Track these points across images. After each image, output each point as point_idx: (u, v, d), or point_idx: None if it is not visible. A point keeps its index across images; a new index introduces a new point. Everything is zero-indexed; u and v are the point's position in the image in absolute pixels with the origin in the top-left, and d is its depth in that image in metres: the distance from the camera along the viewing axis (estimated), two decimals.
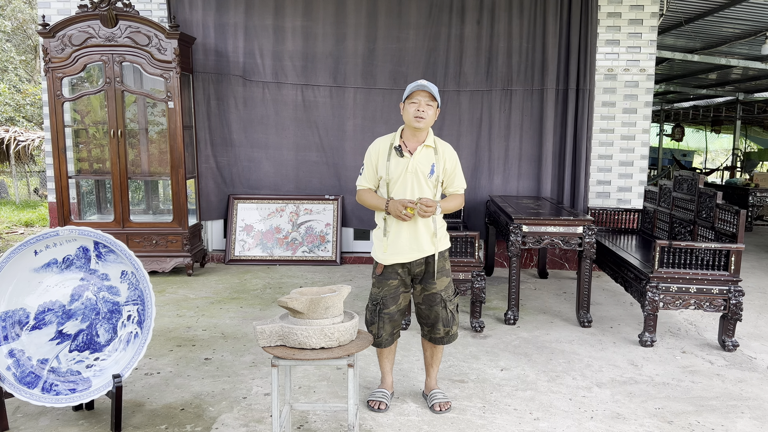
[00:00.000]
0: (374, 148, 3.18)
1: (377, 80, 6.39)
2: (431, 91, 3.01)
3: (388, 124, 6.46)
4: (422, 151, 3.07)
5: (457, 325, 3.24)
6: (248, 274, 6.16)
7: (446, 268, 3.19)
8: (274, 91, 6.46)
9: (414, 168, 3.05)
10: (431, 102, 3.03)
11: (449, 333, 3.21)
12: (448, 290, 3.18)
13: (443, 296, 3.15)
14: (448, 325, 3.19)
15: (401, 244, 3.07)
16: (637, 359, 3.99)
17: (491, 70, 6.32)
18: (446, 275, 3.18)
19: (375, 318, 3.18)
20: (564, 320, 4.81)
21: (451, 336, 3.22)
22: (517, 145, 6.42)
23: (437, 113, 3.09)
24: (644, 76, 6.31)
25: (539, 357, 4.00)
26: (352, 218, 6.72)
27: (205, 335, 4.33)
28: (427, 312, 3.19)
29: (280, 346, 2.58)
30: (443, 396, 3.26)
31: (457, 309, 3.25)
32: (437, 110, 3.08)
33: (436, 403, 3.21)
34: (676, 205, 5.20)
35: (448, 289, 3.18)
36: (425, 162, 3.07)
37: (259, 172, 6.63)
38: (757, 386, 3.59)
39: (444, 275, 3.17)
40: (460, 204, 3.23)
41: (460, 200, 3.22)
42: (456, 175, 3.17)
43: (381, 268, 3.15)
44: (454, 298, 3.22)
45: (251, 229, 6.65)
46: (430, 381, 3.36)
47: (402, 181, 3.06)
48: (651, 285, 4.14)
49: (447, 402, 3.23)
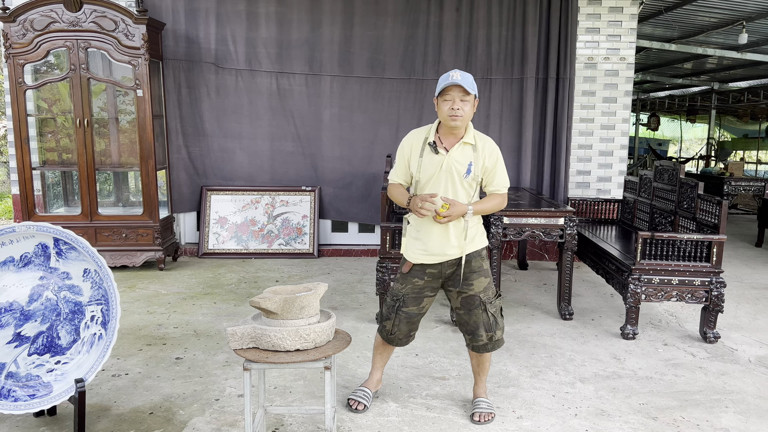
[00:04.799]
0: (407, 141, 2.95)
1: (354, 68, 6.23)
2: (464, 86, 2.71)
3: (366, 113, 6.32)
4: (460, 148, 2.83)
5: (501, 330, 2.97)
6: (222, 268, 5.99)
7: (484, 268, 2.94)
8: (247, 79, 6.26)
9: (449, 167, 2.81)
10: (466, 96, 2.74)
11: (492, 339, 2.95)
12: (487, 291, 2.92)
13: (482, 298, 2.90)
14: (491, 329, 2.93)
15: (432, 244, 2.88)
16: (619, 352, 3.94)
17: (470, 59, 6.20)
18: (484, 275, 2.93)
19: (392, 314, 3.01)
20: (545, 313, 4.74)
21: (495, 342, 2.96)
22: (496, 135, 6.31)
23: (476, 105, 2.83)
24: (624, 65, 6.25)
25: (521, 351, 3.92)
26: (330, 210, 6.57)
27: (177, 333, 4.17)
28: (467, 317, 2.95)
29: (253, 349, 2.44)
30: (487, 405, 3.03)
31: (501, 312, 2.99)
32: (476, 101, 2.81)
33: (477, 412, 2.99)
34: (656, 195, 5.16)
35: (488, 290, 2.93)
36: (462, 160, 2.82)
37: (233, 162, 6.44)
38: (739, 379, 3.55)
39: (482, 275, 2.92)
40: (500, 204, 2.93)
41: (500, 200, 2.92)
42: (497, 172, 2.87)
43: (409, 267, 2.96)
44: (495, 300, 2.95)
45: (225, 222, 6.46)
46: (477, 388, 3.15)
47: (435, 180, 2.83)
48: (633, 277, 4.09)
49: (490, 413, 3.00)
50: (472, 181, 2.85)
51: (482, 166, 2.84)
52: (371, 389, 3.18)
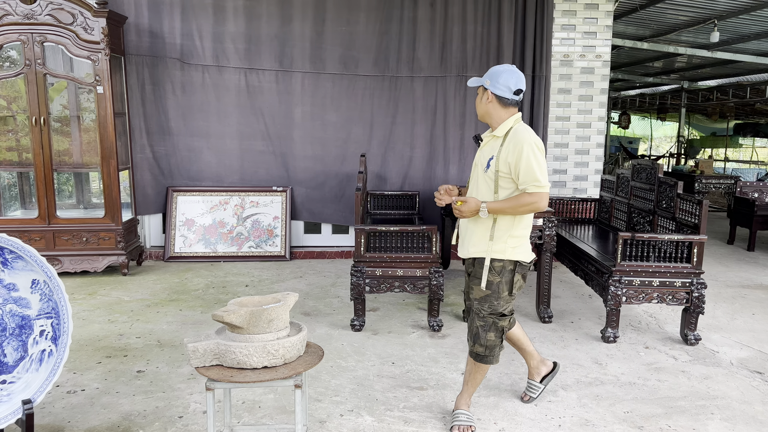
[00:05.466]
0: None
1: (326, 65, 6.04)
2: (471, 85, 2.82)
3: (339, 111, 6.13)
4: (489, 141, 2.80)
5: (483, 347, 2.80)
6: (189, 272, 5.75)
7: (493, 282, 2.75)
8: (215, 76, 6.02)
9: (477, 160, 2.84)
10: (478, 92, 2.79)
11: (471, 350, 2.85)
12: (482, 303, 2.78)
13: (475, 306, 2.81)
14: (471, 338, 2.84)
15: (461, 238, 2.91)
16: (601, 357, 3.84)
17: (446, 56, 6.06)
18: (488, 287, 2.76)
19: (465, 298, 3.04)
20: (524, 315, 4.63)
21: (474, 354, 2.83)
22: (472, 133, 6.19)
23: (486, 95, 2.71)
24: (600, 63, 6.18)
25: (501, 358, 3.77)
26: (302, 210, 6.37)
27: (139, 343, 3.94)
28: None
29: (217, 366, 2.25)
30: (466, 418, 2.88)
31: (495, 332, 2.80)
32: (485, 92, 2.72)
33: (455, 425, 2.85)
34: (634, 194, 5.09)
35: (484, 302, 2.77)
36: (487, 154, 2.77)
37: (200, 162, 6.20)
38: (723, 383, 3.47)
39: (486, 287, 2.76)
40: (525, 205, 2.62)
41: (526, 200, 2.61)
42: (521, 168, 2.62)
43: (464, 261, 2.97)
44: (487, 316, 2.78)
45: (192, 224, 6.22)
46: (459, 399, 2.97)
47: (473, 173, 2.87)
48: (614, 279, 3.99)
49: (469, 426, 2.85)
50: (492, 176, 2.72)
51: (505, 161, 2.67)
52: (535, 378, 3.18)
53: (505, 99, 2.70)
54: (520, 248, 2.75)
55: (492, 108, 2.72)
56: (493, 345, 2.81)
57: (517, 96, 2.72)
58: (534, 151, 2.62)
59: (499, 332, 2.81)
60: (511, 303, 2.82)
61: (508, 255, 2.73)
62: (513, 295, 2.80)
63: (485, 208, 2.67)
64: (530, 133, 2.67)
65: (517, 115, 2.75)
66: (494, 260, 2.73)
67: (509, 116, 2.73)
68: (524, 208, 2.64)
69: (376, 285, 4.17)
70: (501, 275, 2.74)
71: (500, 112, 2.72)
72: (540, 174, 2.61)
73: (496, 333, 2.80)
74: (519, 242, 2.75)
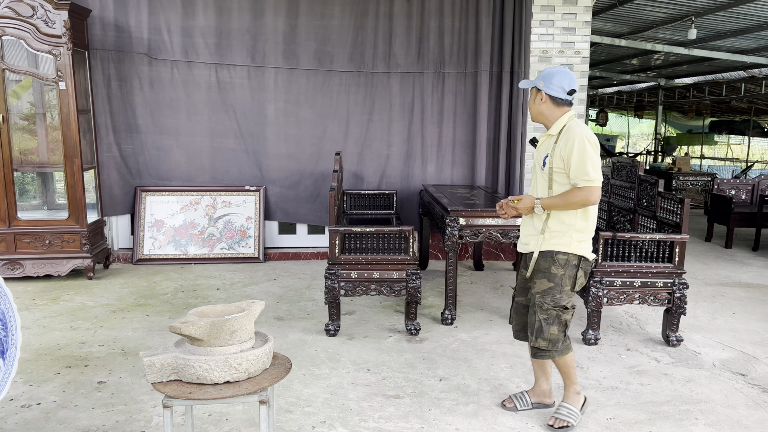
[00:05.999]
0: None
1: (300, 60, 5.87)
2: (523, 87, 2.97)
3: (313, 108, 5.97)
4: (544, 141, 2.88)
5: (546, 341, 2.81)
6: (159, 275, 5.54)
7: (551, 272, 2.79)
8: (184, 71, 5.81)
9: (535, 160, 2.94)
10: (531, 93, 2.87)
11: (532, 344, 2.87)
12: (545, 296, 2.80)
13: (537, 300, 2.82)
14: (533, 334, 2.84)
15: (521, 234, 2.98)
16: (582, 360, 3.74)
17: (423, 51, 5.93)
18: (549, 279, 2.79)
19: (512, 304, 3.11)
20: (503, 317, 4.51)
21: (536, 350, 2.86)
22: (450, 131, 6.08)
23: (539, 95, 2.80)
24: (579, 59, 6.10)
25: (480, 362, 3.67)
26: (276, 210, 6.19)
27: (102, 352, 3.74)
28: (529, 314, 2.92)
29: (175, 381, 2.09)
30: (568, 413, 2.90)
31: (559, 326, 2.81)
32: (538, 93, 2.81)
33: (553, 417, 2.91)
34: (614, 192, 5.01)
35: (546, 295, 2.80)
36: (542, 152, 2.86)
37: (170, 161, 5.98)
38: (706, 386, 3.39)
39: (546, 278, 2.80)
40: (577, 199, 2.68)
41: (577, 195, 2.67)
42: (572, 162, 2.68)
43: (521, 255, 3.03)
44: (551, 309, 2.79)
45: (162, 225, 6.00)
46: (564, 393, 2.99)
47: (533, 173, 2.97)
48: (595, 280, 3.89)
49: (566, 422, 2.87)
50: (547, 173, 2.80)
51: (559, 156, 2.73)
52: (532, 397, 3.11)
53: (559, 99, 2.77)
54: (584, 243, 2.81)
55: (546, 108, 2.80)
56: (556, 339, 2.81)
57: (570, 96, 2.78)
58: (585, 145, 2.67)
59: (562, 326, 2.83)
60: (572, 298, 2.85)
61: (573, 249, 2.78)
62: (574, 291, 2.85)
63: (539, 204, 2.77)
64: (583, 128, 2.72)
65: (570, 113, 2.81)
66: (559, 253, 2.78)
67: (562, 114, 2.80)
68: (575, 202, 2.70)
69: (351, 288, 4.02)
70: (565, 269, 2.78)
71: (554, 112, 2.80)
72: (591, 168, 2.66)
73: (559, 326, 2.82)
74: (583, 237, 2.80)
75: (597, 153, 2.71)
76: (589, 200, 2.68)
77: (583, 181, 2.66)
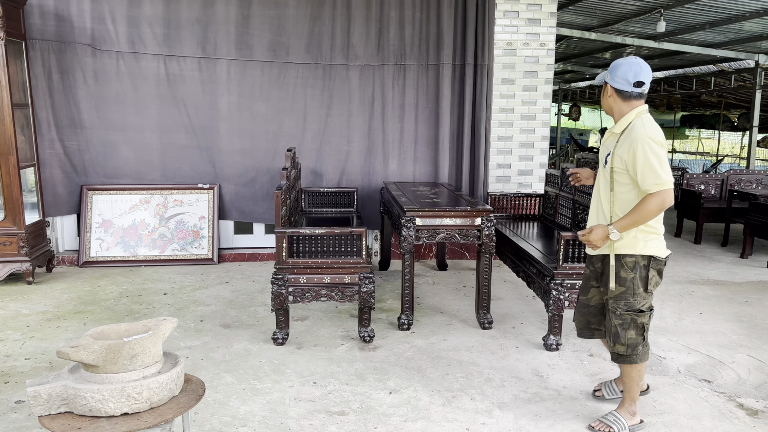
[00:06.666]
0: None
1: (254, 51, 5.58)
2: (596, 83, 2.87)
3: (269, 102, 5.69)
4: (608, 137, 2.80)
5: (624, 346, 2.74)
6: (104, 279, 5.24)
7: (620, 275, 2.71)
8: (130, 63, 5.49)
9: (600, 154, 2.87)
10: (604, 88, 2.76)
11: (611, 351, 2.81)
12: (618, 300, 2.73)
13: (610, 305, 2.77)
14: (611, 338, 2.79)
15: None
16: (542, 367, 3.55)
17: (382, 43, 5.69)
18: (620, 283, 2.71)
19: (577, 302, 3.04)
20: (463, 321, 4.32)
21: (616, 355, 2.79)
22: (412, 126, 5.85)
23: (607, 89, 2.72)
24: (544, 51, 5.91)
25: (434, 371, 3.46)
26: (231, 209, 5.91)
27: (27, 366, 3.45)
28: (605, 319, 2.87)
29: (66, 414, 1.83)
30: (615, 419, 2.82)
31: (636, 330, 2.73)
32: (609, 88, 2.70)
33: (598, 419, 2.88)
34: (579, 189, 4.83)
35: (619, 299, 2.72)
36: (605, 149, 2.79)
37: (117, 158, 5.67)
38: (670, 395, 3.23)
39: (616, 282, 2.72)
40: (651, 209, 2.56)
41: (649, 206, 2.55)
42: (637, 166, 2.56)
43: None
44: (625, 313, 2.72)
45: (110, 225, 5.69)
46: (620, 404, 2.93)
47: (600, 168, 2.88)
48: (556, 282, 3.70)
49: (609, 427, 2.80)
50: (609, 173, 2.72)
51: (620, 158, 2.64)
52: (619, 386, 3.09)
53: (625, 92, 2.66)
54: (652, 242, 2.68)
55: (613, 102, 2.71)
56: (635, 343, 2.74)
57: (639, 88, 2.64)
58: (650, 147, 2.55)
59: (639, 329, 2.74)
60: (649, 299, 2.74)
61: (640, 249, 2.67)
62: (650, 292, 2.73)
63: (613, 230, 2.64)
64: (647, 127, 2.59)
65: (638, 109, 2.67)
66: (625, 255, 2.69)
67: (630, 110, 2.68)
68: (652, 211, 2.57)
69: (300, 294, 3.78)
70: (634, 271, 2.69)
71: (621, 106, 2.69)
72: (660, 170, 2.53)
73: (636, 330, 2.74)
74: (650, 236, 2.68)
75: (664, 151, 2.57)
76: (665, 204, 2.56)
77: (654, 186, 2.53)
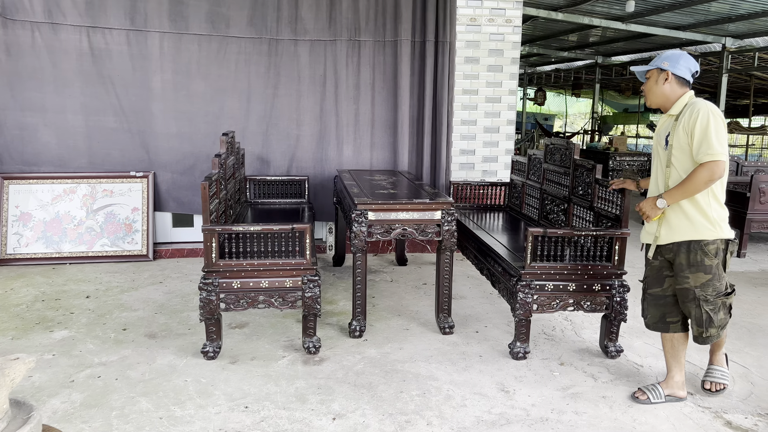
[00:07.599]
0: None
1: (190, 23, 5.01)
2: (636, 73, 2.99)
3: (208, 80, 5.13)
4: (664, 121, 2.92)
5: (716, 328, 2.86)
6: (21, 279, 4.64)
7: (704, 264, 2.78)
8: (48, 35, 4.86)
9: (655, 141, 2.97)
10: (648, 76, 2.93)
11: (702, 335, 2.88)
12: (705, 288, 2.80)
13: (697, 294, 2.82)
14: (702, 326, 2.86)
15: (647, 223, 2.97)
16: (508, 380, 3.15)
17: (334, 16, 5.17)
18: (704, 271, 2.79)
19: (643, 297, 3.09)
20: (422, 325, 3.89)
21: (705, 338, 2.88)
22: (368, 108, 5.37)
23: (664, 75, 2.84)
24: (510, 28, 5.48)
25: (387, 389, 3.02)
26: (168, 200, 5.35)
27: None
28: (681, 306, 2.92)
29: None
30: (721, 375, 3.08)
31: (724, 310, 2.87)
32: (662, 73, 2.86)
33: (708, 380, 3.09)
34: (547, 178, 4.44)
35: (707, 287, 2.80)
36: (663, 133, 2.89)
37: (36, 143, 5.04)
38: (650, 412, 2.86)
39: (701, 270, 2.79)
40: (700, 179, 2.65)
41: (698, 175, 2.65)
42: (696, 134, 2.67)
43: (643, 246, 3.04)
44: (715, 299, 2.82)
45: (30, 218, 5.07)
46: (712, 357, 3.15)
47: (654, 160, 2.98)
48: (523, 284, 3.30)
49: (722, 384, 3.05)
50: (668, 151, 2.81)
51: (683, 131, 2.74)
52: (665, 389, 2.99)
53: (684, 80, 2.84)
54: (725, 224, 2.81)
55: (668, 88, 2.85)
56: (725, 323, 2.89)
57: (694, 77, 2.87)
58: (712, 117, 2.66)
59: (727, 309, 2.89)
60: (726, 279, 2.86)
61: (718, 233, 2.78)
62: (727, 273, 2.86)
63: (662, 199, 2.78)
64: (708, 103, 2.73)
65: (690, 93, 2.85)
66: (709, 243, 2.77)
67: (684, 94, 2.85)
68: (701, 182, 2.66)
69: (233, 301, 3.29)
70: (717, 256, 2.80)
71: (677, 92, 2.85)
72: (715, 140, 2.63)
73: (725, 311, 2.88)
74: (723, 218, 2.81)
75: (724, 127, 2.68)
76: (714, 176, 2.64)
77: (707, 155, 2.63)
